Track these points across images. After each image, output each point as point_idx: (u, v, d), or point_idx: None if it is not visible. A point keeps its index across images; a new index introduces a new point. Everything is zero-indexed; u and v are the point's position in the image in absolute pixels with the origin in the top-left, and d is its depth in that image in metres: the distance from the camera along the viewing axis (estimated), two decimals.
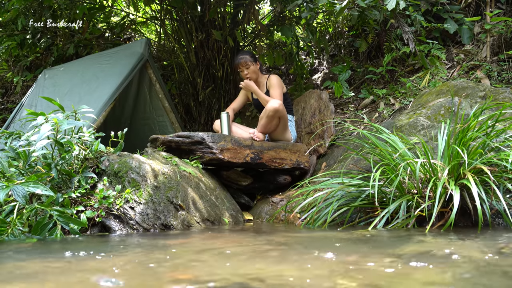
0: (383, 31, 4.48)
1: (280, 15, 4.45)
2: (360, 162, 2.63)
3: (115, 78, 3.53)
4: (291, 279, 0.94)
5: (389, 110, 3.82)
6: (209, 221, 2.24)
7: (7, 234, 1.63)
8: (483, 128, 2.03)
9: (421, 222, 1.92)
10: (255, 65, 3.28)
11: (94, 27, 5.09)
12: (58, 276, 1.01)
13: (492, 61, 3.86)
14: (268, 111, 2.94)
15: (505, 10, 4.22)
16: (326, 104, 3.61)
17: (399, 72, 4.29)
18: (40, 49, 4.88)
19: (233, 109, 3.44)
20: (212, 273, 1.02)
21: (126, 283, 0.91)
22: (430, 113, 2.90)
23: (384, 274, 0.98)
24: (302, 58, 5.60)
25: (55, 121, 1.92)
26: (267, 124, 2.98)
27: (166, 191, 2.13)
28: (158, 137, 2.73)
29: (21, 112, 3.81)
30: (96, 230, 1.94)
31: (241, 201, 2.88)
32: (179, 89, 4.98)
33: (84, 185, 1.98)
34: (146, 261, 1.21)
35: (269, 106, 2.94)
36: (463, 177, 1.85)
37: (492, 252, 1.23)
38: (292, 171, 3.04)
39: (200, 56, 4.58)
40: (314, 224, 2.15)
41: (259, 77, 3.35)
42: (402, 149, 2.16)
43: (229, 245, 1.57)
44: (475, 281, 0.91)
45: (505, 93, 2.87)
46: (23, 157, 1.97)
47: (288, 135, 3.19)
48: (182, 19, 4.64)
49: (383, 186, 2.11)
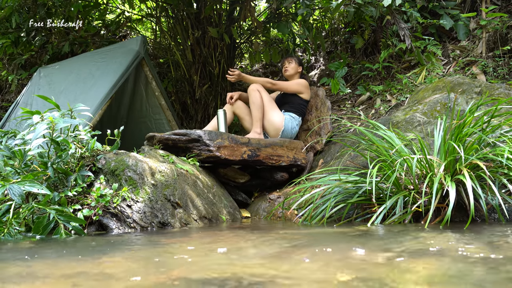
0: (379, 28, 4.48)
1: (276, 12, 4.45)
2: (357, 159, 2.64)
3: (111, 76, 3.51)
4: (288, 274, 0.95)
5: (386, 106, 3.82)
6: (206, 218, 2.25)
7: (3, 233, 1.63)
8: (479, 123, 2.04)
9: (417, 218, 1.93)
10: (297, 66, 3.61)
11: (89, 24, 5.06)
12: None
13: (487, 57, 3.87)
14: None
15: (500, 6, 4.23)
16: (322, 101, 3.61)
17: (395, 68, 4.30)
18: (35, 47, 4.85)
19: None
20: (210, 271, 1.02)
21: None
22: (427, 109, 2.91)
23: (380, 269, 0.98)
24: (299, 55, 5.59)
25: (50, 119, 1.91)
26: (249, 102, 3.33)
27: (163, 189, 2.12)
28: (154, 135, 2.72)
29: (16, 111, 3.79)
30: (93, 228, 1.93)
31: (238, 198, 2.89)
32: (176, 86, 4.97)
33: (81, 183, 1.98)
34: (151, 257, 1.22)
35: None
36: (459, 172, 1.86)
37: (486, 247, 1.24)
38: (289, 168, 3.05)
39: (196, 53, 4.57)
40: (311, 221, 2.15)
41: (294, 77, 3.60)
42: (399, 145, 2.17)
43: (226, 242, 1.57)
44: (468, 276, 0.92)
45: (500, 88, 2.88)
46: (19, 156, 1.96)
47: (268, 127, 3.32)
48: (178, 16, 4.62)
49: (380, 182, 2.12)
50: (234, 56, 4.89)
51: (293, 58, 3.65)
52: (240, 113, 3.47)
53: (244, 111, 3.46)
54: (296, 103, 3.43)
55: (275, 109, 3.34)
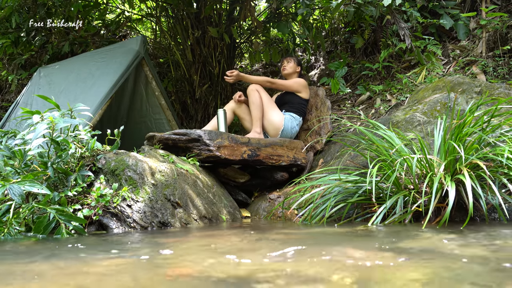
0: (379, 27, 4.48)
1: (276, 11, 4.45)
2: (357, 158, 2.64)
3: (111, 76, 3.51)
4: (287, 270, 0.95)
5: (386, 106, 3.82)
6: (206, 218, 2.25)
7: (4, 233, 1.63)
8: (479, 123, 2.04)
9: (418, 218, 1.93)
10: (296, 66, 3.64)
11: (89, 24, 5.06)
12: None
13: (487, 56, 3.87)
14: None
15: (500, 5, 4.23)
16: (322, 100, 3.61)
17: (395, 68, 4.30)
18: (35, 47, 4.85)
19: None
20: (210, 270, 1.02)
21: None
22: (427, 108, 2.91)
23: (379, 268, 0.98)
24: (299, 54, 5.59)
25: (50, 119, 1.91)
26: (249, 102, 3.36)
27: (163, 189, 2.12)
28: (155, 135, 2.72)
29: (16, 111, 3.79)
30: (93, 228, 1.93)
31: (238, 198, 2.89)
32: (176, 86, 4.97)
33: (81, 183, 1.98)
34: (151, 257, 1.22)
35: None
36: (459, 172, 1.86)
37: (485, 247, 1.24)
38: (289, 167, 3.05)
39: (196, 53, 4.57)
40: (311, 220, 2.15)
41: (292, 77, 3.62)
42: (399, 145, 2.16)
43: (226, 242, 1.57)
44: (465, 275, 0.92)
45: (500, 88, 2.88)
46: (19, 156, 1.96)
47: (268, 126, 3.33)
48: (178, 16, 4.62)
49: (380, 182, 2.12)
50: (234, 56, 4.89)
51: (292, 58, 3.68)
52: (240, 113, 3.47)
53: (244, 111, 3.46)
54: (296, 102, 3.44)
55: (274, 108, 3.35)
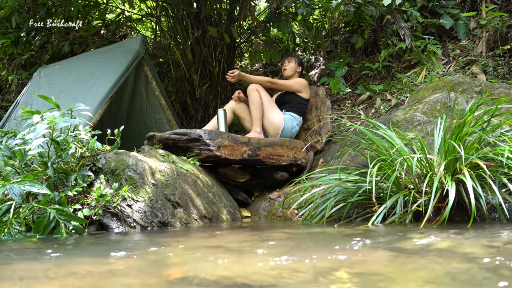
0: (379, 27, 4.48)
1: (276, 11, 4.45)
2: (357, 158, 2.64)
3: (111, 76, 3.51)
4: (287, 270, 0.95)
5: (386, 105, 3.82)
6: (206, 218, 2.25)
7: (4, 233, 1.63)
8: (479, 123, 2.04)
9: (418, 217, 1.93)
10: (297, 66, 3.62)
11: (89, 24, 5.06)
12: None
13: (487, 56, 3.87)
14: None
15: (500, 5, 4.23)
16: (322, 100, 3.61)
17: (395, 67, 4.30)
18: (35, 47, 4.85)
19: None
20: (210, 270, 1.02)
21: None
22: (427, 108, 2.91)
23: (379, 267, 0.98)
24: (299, 54, 5.59)
25: (50, 119, 1.91)
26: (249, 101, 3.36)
27: (164, 188, 2.12)
28: (155, 135, 2.72)
29: (16, 111, 3.79)
30: (93, 228, 1.93)
31: (238, 198, 2.89)
32: (176, 86, 4.97)
33: (81, 183, 1.98)
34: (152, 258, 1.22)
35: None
36: (460, 172, 1.86)
37: (485, 247, 1.24)
38: (289, 167, 3.05)
39: (196, 53, 4.57)
40: (311, 220, 2.15)
41: (293, 77, 3.60)
42: (399, 144, 2.16)
43: (227, 242, 1.57)
44: (464, 275, 0.92)
45: (500, 88, 2.88)
46: (19, 155, 1.96)
47: (268, 126, 3.33)
48: (178, 16, 4.62)
49: (380, 182, 2.12)
50: (234, 56, 4.89)
51: (294, 58, 3.67)
52: (240, 112, 3.47)
53: (244, 111, 3.46)
54: (296, 102, 3.44)
55: (274, 108, 3.35)
